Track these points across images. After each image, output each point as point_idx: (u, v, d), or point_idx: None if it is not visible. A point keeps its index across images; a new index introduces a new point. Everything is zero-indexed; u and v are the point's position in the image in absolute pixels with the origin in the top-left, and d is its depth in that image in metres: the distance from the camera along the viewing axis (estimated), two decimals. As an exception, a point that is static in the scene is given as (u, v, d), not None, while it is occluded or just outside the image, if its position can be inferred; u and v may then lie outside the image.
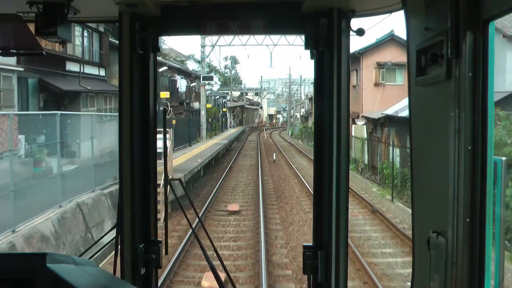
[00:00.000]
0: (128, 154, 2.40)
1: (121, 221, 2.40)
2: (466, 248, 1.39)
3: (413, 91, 1.71)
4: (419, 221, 1.73)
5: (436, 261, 1.51)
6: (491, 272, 1.40)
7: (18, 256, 1.38)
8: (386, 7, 2.19)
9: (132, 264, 2.40)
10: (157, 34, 2.42)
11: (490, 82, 1.36)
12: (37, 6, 2.02)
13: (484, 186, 1.36)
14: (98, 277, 1.40)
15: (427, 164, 1.67)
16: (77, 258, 1.38)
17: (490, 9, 1.30)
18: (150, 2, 2.24)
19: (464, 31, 1.36)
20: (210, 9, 2.45)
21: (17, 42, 2.11)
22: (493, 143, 1.39)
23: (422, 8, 1.56)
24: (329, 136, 2.30)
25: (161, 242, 2.51)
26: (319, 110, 2.41)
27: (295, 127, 76.15)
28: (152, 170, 2.51)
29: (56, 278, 1.20)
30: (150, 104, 2.49)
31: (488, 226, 1.36)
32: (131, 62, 2.38)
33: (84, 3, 2.17)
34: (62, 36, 2.10)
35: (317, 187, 2.41)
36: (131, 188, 2.41)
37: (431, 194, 1.63)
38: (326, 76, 2.31)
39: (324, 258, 2.31)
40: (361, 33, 2.22)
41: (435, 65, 1.49)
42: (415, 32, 1.66)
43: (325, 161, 2.33)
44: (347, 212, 2.32)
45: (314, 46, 2.31)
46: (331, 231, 2.29)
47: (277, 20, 2.42)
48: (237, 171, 29.49)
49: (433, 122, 1.58)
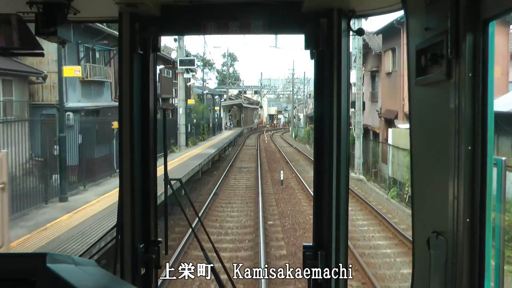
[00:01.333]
0: (128, 154, 2.40)
1: (121, 221, 2.40)
2: (466, 248, 1.39)
3: (413, 91, 1.71)
4: (419, 221, 1.73)
5: (436, 261, 1.51)
6: (491, 272, 1.40)
7: (18, 256, 1.38)
8: (386, 7, 2.19)
9: (132, 264, 2.40)
10: (157, 34, 2.42)
11: (490, 82, 1.36)
12: (37, 6, 2.03)
13: (484, 186, 1.36)
14: (98, 277, 1.40)
15: (427, 164, 1.68)
16: (77, 258, 1.38)
17: (490, 9, 1.30)
18: (150, 2, 2.24)
19: (464, 31, 1.36)
20: (210, 9, 2.46)
21: (17, 42, 2.11)
22: (493, 143, 1.39)
23: (422, 8, 1.56)
24: (329, 136, 2.30)
25: (161, 242, 2.51)
26: (319, 110, 2.41)
27: (300, 129, 68.52)
28: (152, 170, 2.51)
29: (56, 278, 1.20)
30: (150, 104, 2.49)
31: (488, 226, 1.36)
32: (131, 62, 2.38)
33: (84, 3, 2.17)
34: (62, 36, 2.10)
35: (317, 187, 2.42)
36: (131, 188, 2.41)
37: (431, 194, 1.63)
38: (326, 76, 2.32)
39: (324, 258, 2.31)
40: (361, 33, 2.23)
41: (435, 65, 1.49)
42: (415, 32, 1.67)
43: (325, 161, 2.34)
44: (347, 212, 2.33)
45: (314, 46, 2.31)
46: (331, 231, 2.29)
47: (277, 20, 2.42)
48: (224, 204, 17.43)
49: (433, 122, 1.58)
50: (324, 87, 2.34)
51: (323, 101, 2.37)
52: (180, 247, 11.55)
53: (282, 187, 20.91)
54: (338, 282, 2.28)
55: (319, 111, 2.41)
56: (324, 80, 2.34)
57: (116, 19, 2.38)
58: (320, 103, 2.40)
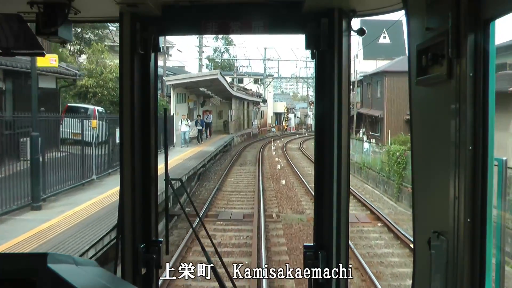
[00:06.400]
0: (129, 154, 2.40)
1: (121, 221, 2.40)
2: (467, 248, 1.38)
3: (414, 91, 1.71)
4: (420, 221, 1.73)
5: (437, 261, 1.51)
6: (492, 272, 1.40)
7: (19, 256, 1.39)
8: (387, 7, 2.19)
9: (132, 264, 2.40)
10: (157, 34, 2.42)
11: (491, 82, 1.36)
12: (38, 6, 2.03)
13: (485, 186, 1.36)
14: (98, 277, 1.40)
15: (428, 164, 1.67)
16: (78, 258, 1.38)
17: (491, 9, 1.30)
18: (150, 2, 2.24)
19: (465, 31, 1.36)
20: (211, 9, 2.46)
21: (18, 42, 2.11)
22: (494, 143, 1.39)
23: (423, 8, 1.56)
24: (330, 136, 2.30)
25: (161, 242, 2.51)
26: (320, 110, 2.42)
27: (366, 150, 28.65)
28: (153, 170, 2.51)
29: (56, 278, 1.20)
30: (151, 104, 2.49)
31: (489, 226, 1.36)
32: (132, 62, 2.38)
33: (85, 3, 2.17)
34: (62, 36, 2.10)
35: (318, 187, 2.42)
36: (131, 188, 2.41)
37: (432, 194, 1.63)
38: (327, 76, 2.32)
39: (325, 258, 2.31)
40: (362, 33, 2.23)
41: (436, 65, 1.49)
42: (416, 32, 1.67)
43: (326, 161, 2.34)
44: (348, 212, 2.33)
45: (315, 46, 2.31)
46: (332, 231, 2.29)
47: (277, 20, 2.42)
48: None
49: (434, 122, 1.58)
50: (325, 87, 2.34)
51: (324, 101, 2.37)
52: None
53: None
54: (339, 282, 2.28)
55: (320, 111, 2.42)
56: (325, 80, 2.34)
57: (117, 19, 2.38)
58: (321, 103, 2.41)
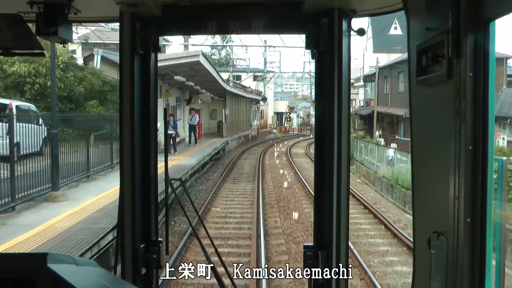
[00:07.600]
0: (129, 154, 2.40)
1: (121, 221, 2.40)
2: (467, 248, 1.38)
3: (414, 91, 1.71)
4: (420, 221, 1.72)
5: (437, 261, 1.51)
6: (492, 272, 1.40)
7: (19, 256, 1.38)
8: (387, 7, 2.19)
9: (132, 264, 2.40)
10: (157, 34, 2.42)
11: (491, 82, 1.36)
12: (38, 6, 2.03)
13: (485, 186, 1.36)
14: (98, 277, 1.40)
15: (428, 164, 1.67)
16: (78, 258, 1.38)
17: (491, 9, 1.30)
18: (150, 2, 2.24)
19: (465, 31, 1.36)
20: (211, 9, 2.46)
21: (18, 42, 2.11)
22: (494, 143, 1.39)
23: (423, 8, 1.56)
24: (330, 136, 2.30)
25: (161, 242, 2.51)
26: (320, 110, 2.42)
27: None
28: (153, 170, 2.51)
29: (56, 278, 1.20)
30: (151, 104, 2.49)
31: (489, 226, 1.36)
32: (132, 62, 2.38)
33: (85, 3, 2.17)
34: (62, 36, 2.11)
35: (318, 187, 2.42)
36: (131, 188, 2.41)
37: (432, 194, 1.63)
38: (327, 76, 2.32)
39: (325, 258, 2.31)
40: (362, 33, 2.23)
41: (436, 65, 1.49)
42: (416, 32, 1.66)
43: (326, 161, 2.34)
44: (348, 212, 2.33)
45: (315, 46, 2.32)
46: (332, 231, 2.29)
47: (278, 20, 2.42)
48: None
49: (434, 122, 1.58)
50: (325, 87, 2.35)
51: (324, 101, 2.37)
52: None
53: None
54: (339, 282, 2.28)
55: (320, 111, 2.42)
56: (325, 80, 2.34)
57: (117, 19, 2.38)
58: (321, 103, 2.41)
